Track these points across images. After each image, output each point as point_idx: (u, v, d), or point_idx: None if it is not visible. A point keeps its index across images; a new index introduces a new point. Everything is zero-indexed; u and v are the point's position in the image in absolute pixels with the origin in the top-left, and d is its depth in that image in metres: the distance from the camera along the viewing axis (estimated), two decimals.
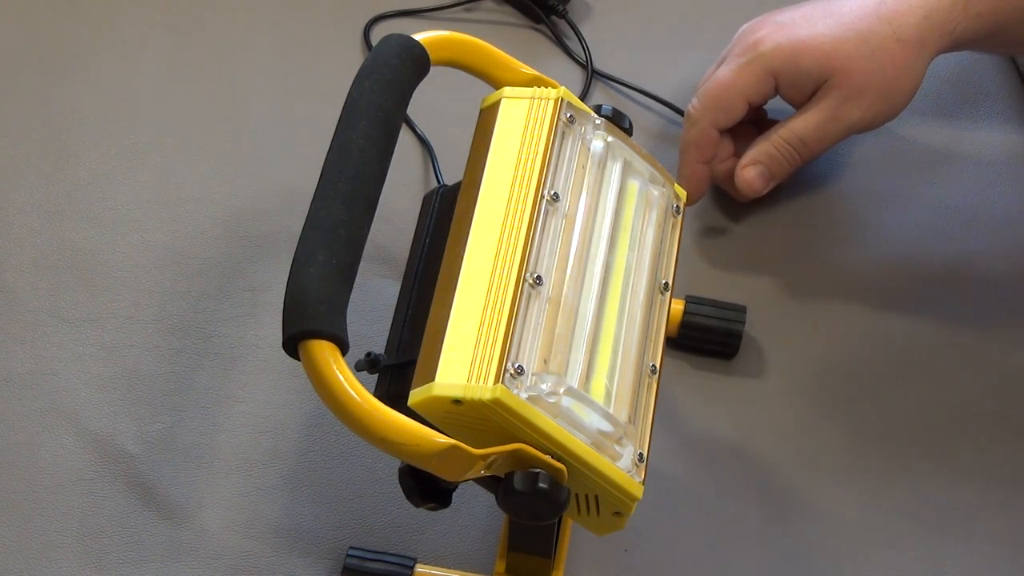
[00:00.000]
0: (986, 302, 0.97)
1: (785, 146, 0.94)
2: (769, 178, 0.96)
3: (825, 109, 0.93)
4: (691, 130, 0.96)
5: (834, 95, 0.92)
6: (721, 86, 0.94)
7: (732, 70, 0.94)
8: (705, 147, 0.96)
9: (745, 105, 0.95)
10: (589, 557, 0.87)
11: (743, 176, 0.96)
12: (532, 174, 0.75)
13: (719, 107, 0.95)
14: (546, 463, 0.70)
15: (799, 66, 0.92)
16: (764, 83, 0.94)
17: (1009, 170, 1.04)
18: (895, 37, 0.90)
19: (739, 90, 0.94)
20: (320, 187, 0.72)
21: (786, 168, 0.96)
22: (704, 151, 0.96)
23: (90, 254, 0.99)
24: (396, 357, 0.76)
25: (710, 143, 0.96)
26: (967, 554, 0.88)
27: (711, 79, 0.96)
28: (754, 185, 0.96)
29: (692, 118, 0.96)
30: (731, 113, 0.95)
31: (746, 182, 0.96)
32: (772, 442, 0.92)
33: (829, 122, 0.93)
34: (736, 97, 0.94)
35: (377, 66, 0.77)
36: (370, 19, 1.11)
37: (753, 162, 0.96)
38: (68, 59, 1.09)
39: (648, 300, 0.78)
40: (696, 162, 0.97)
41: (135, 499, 0.88)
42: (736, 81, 0.94)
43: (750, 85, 0.94)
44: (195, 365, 0.94)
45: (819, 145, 0.94)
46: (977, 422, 0.92)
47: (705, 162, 0.97)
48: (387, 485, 0.89)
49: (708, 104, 0.95)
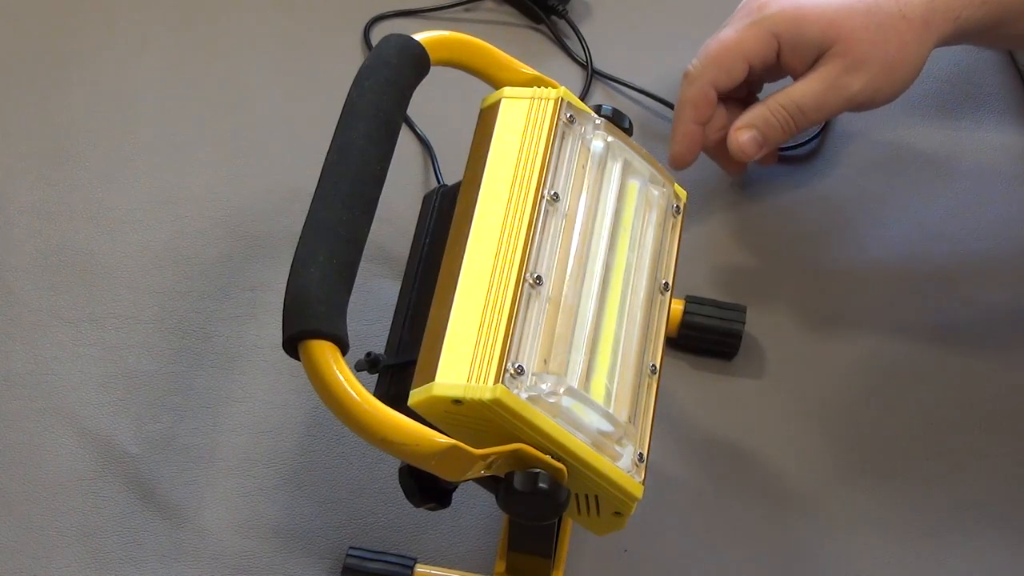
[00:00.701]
0: (986, 302, 0.97)
1: (781, 111, 0.92)
2: (762, 143, 0.93)
3: (826, 77, 0.91)
4: (689, 88, 0.94)
5: (836, 63, 0.90)
6: (723, 45, 0.92)
7: (735, 30, 0.92)
8: (702, 106, 0.94)
9: (746, 67, 0.93)
10: (589, 557, 0.87)
11: (735, 139, 0.93)
12: (532, 174, 0.75)
13: (720, 66, 0.93)
14: (546, 463, 0.70)
15: (802, 31, 0.91)
16: (766, 45, 0.92)
17: (1009, 170, 1.04)
18: (901, 15, 0.89)
19: (741, 50, 0.92)
20: (320, 187, 0.72)
21: (780, 135, 0.93)
22: (701, 111, 0.94)
23: (90, 254, 0.99)
24: (396, 357, 0.76)
25: (708, 103, 0.94)
26: (968, 554, 0.87)
27: (713, 39, 0.94)
28: (746, 149, 0.93)
29: (691, 76, 0.94)
30: (731, 73, 0.93)
31: (738, 145, 0.93)
32: (772, 442, 0.92)
33: (829, 91, 0.91)
34: (737, 57, 0.92)
35: (377, 66, 0.77)
36: (370, 19, 1.11)
37: (747, 125, 0.93)
38: (68, 59, 1.09)
39: (648, 300, 0.78)
40: (691, 121, 0.94)
41: (135, 499, 0.88)
42: (738, 41, 0.92)
43: (752, 46, 0.92)
44: (195, 365, 0.94)
45: (816, 114, 0.92)
46: (977, 421, 0.92)
47: (700, 123, 0.94)
48: (387, 485, 0.89)
49: (708, 62, 0.93)
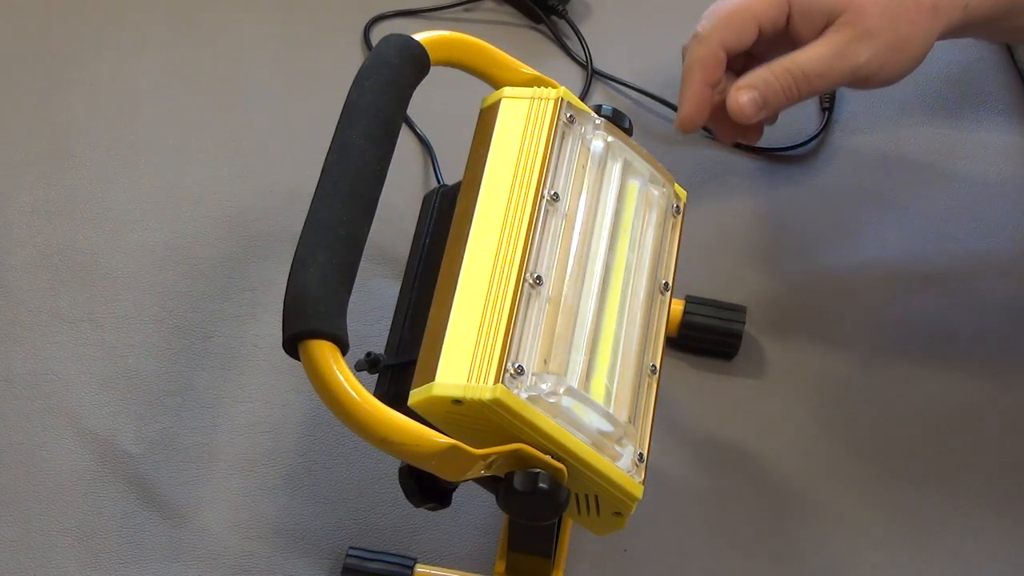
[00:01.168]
0: (986, 302, 0.97)
1: (785, 75, 0.89)
2: (762, 105, 0.90)
3: (833, 44, 0.89)
4: (698, 48, 0.91)
5: (845, 31, 0.88)
6: (734, 5, 0.90)
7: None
8: (712, 67, 0.91)
9: (756, 28, 0.90)
10: (589, 557, 0.87)
11: (735, 99, 0.90)
12: (532, 174, 0.75)
13: (729, 25, 0.90)
14: (546, 463, 0.70)
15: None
16: (777, 7, 0.90)
17: (1009, 170, 1.04)
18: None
19: (752, 10, 0.90)
20: (320, 187, 0.72)
21: (782, 99, 0.90)
22: (710, 71, 0.91)
23: (90, 254, 0.99)
24: (396, 357, 0.76)
25: (717, 63, 0.91)
26: (968, 553, 0.87)
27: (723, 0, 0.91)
28: (745, 110, 0.90)
29: (699, 36, 0.91)
30: (741, 34, 0.90)
31: (737, 105, 0.90)
32: (772, 442, 0.92)
33: (835, 58, 0.89)
34: (748, 17, 0.90)
35: (377, 66, 0.77)
36: (370, 19, 1.11)
37: (748, 86, 0.90)
38: (68, 59, 1.09)
39: (648, 300, 0.78)
40: (701, 83, 0.91)
41: (135, 499, 0.88)
42: (750, 1, 0.90)
43: (763, 7, 0.90)
44: (195, 365, 0.94)
45: (820, 81, 0.90)
46: (977, 421, 0.92)
47: (710, 85, 0.91)
48: (387, 485, 0.89)
49: (718, 22, 0.90)
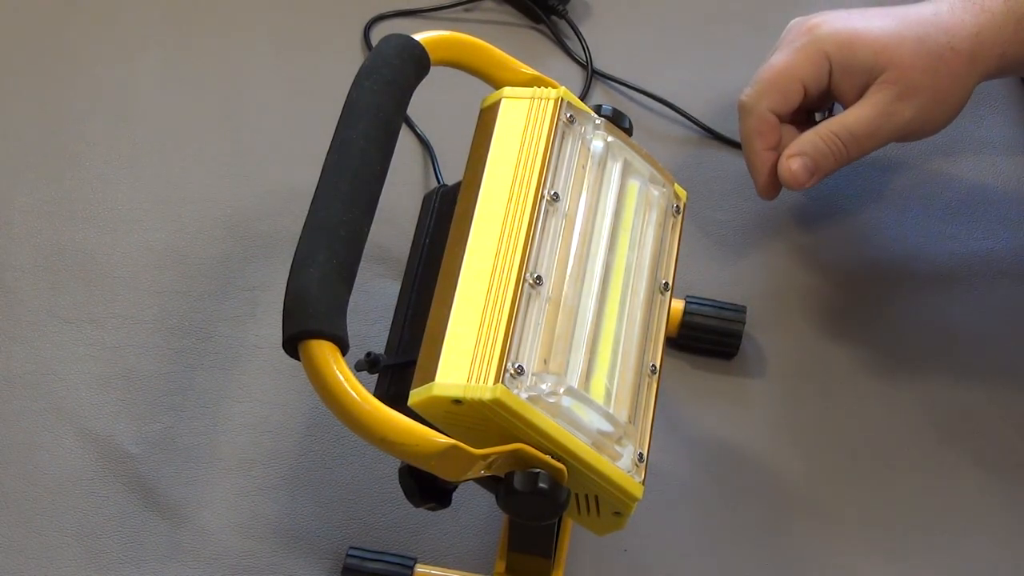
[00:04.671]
0: (986, 302, 0.97)
1: (834, 139, 0.91)
2: (813, 171, 0.92)
3: (878, 104, 0.90)
4: (749, 118, 0.93)
5: (888, 90, 0.89)
6: (776, 70, 0.91)
7: (786, 54, 0.91)
8: (768, 133, 0.92)
9: (801, 89, 0.91)
10: (589, 557, 0.87)
11: (787, 167, 0.92)
12: (532, 174, 0.75)
13: (776, 90, 0.91)
14: (546, 463, 0.70)
15: (855, 54, 0.90)
16: (819, 66, 0.91)
17: (1009, 170, 1.04)
18: (950, 46, 0.89)
19: (794, 72, 0.91)
20: (320, 187, 0.72)
21: (831, 163, 0.92)
22: (767, 137, 0.93)
23: (90, 254, 0.99)
24: (396, 357, 0.76)
25: (772, 128, 0.92)
26: (968, 553, 0.87)
27: (765, 66, 0.93)
28: (798, 176, 0.91)
29: (747, 106, 0.92)
30: (788, 97, 0.92)
31: (790, 173, 0.92)
32: (772, 442, 0.92)
33: (881, 117, 0.90)
34: (792, 80, 0.91)
35: (377, 66, 0.77)
36: (370, 19, 1.11)
37: (799, 153, 0.92)
38: (68, 59, 1.09)
39: (648, 300, 0.78)
40: (763, 149, 0.93)
41: (135, 499, 0.88)
42: (791, 63, 0.91)
43: (805, 67, 0.91)
44: (195, 365, 0.94)
45: (868, 142, 0.91)
46: (977, 421, 0.92)
47: (771, 148, 0.93)
48: (387, 485, 0.89)
49: (763, 89, 0.92)
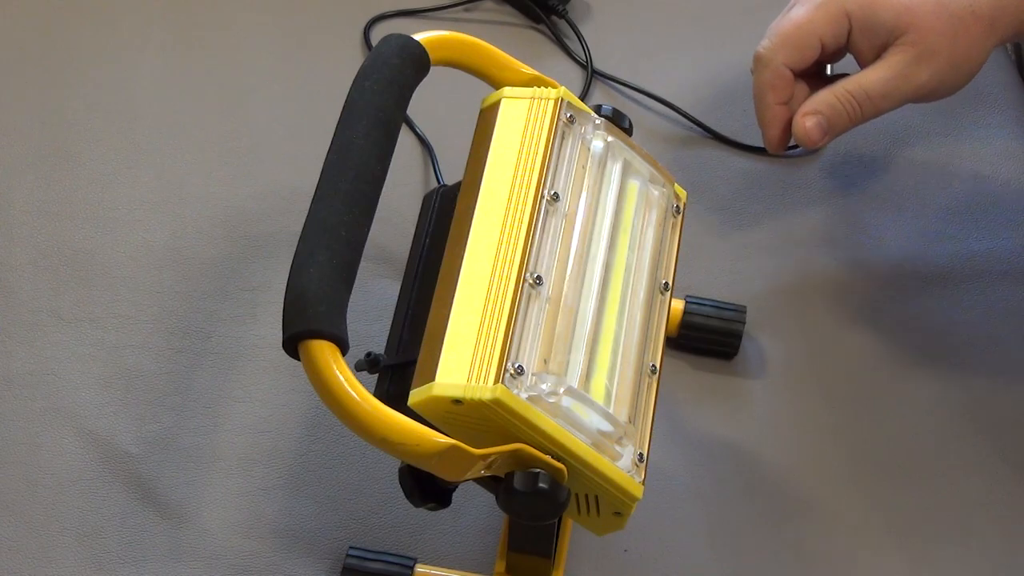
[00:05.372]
0: (986, 302, 0.97)
1: (849, 98, 0.91)
2: (827, 130, 0.92)
3: (895, 65, 0.90)
4: (764, 71, 0.92)
5: (907, 52, 0.89)
6: (795, 23, 0.91)
7: (807, 9, 0.91)
8: (781, 87, 0.92)
9: (819, 45, 0.91)
10: (589, 557, 0.87)
11: (801, 124, 0.92)
12: (532, 174, 0.75)
13: (793, 44, 0.91)
14: (546, 463, 0.70)
15: (876, 14, 0.89)
16: (839, 24, 0.90)
17: (1009, 170, 1.04)
18: (971, 10, 0.88)
19: (814, 28, 0.91)
20: (320, 187, 0.72)
21: (846, 122, 0.92)
22: (780, 92, 0.92)
23: (90, 254, 0.99)
24: (396, 357, 0.76)
25: (786, 83, 0.92)
26: (968, 553, 0.87)
27: (784, 18, 0.92)
28: (811, 134, 0.92)
29: (764, 59, 0.92)
30: (805, 52, 0.91)
31: (804, 131, 0.92)
32: (772, 442, 0.92)
33: (898, 78, 0.90)
34: (811, 35, 0.91)
35: (377, 66, 0.77)
36: (370, 19, 1.11)
37: (813, 111, 0.91)
38: (68, 59, 1.09)
39: (648, 300, 0.78)
40: (775, 103, 0.93)
41: (135, 499, 0.88)
42: (811, 19, 0.91)
43: (825, 24, 0.90)
44: (195, 365, 0.94)
45: (883, 102, 0.91)
46: (978, 421, 0.92)
47: (784, 103, 0.93)
48: (387, 485, 0.89)
49: (781, 42, 0.91)
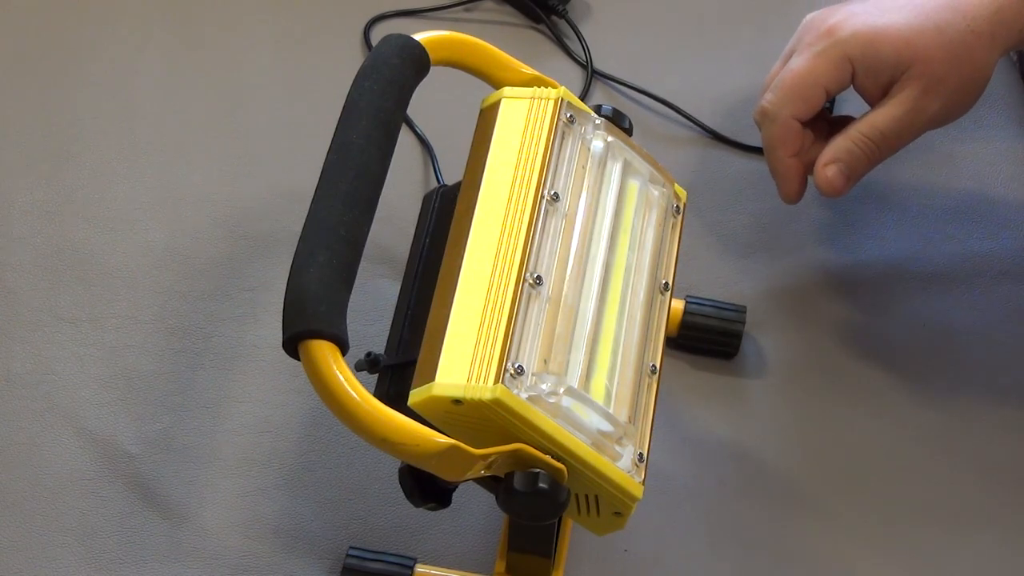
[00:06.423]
0: (986, 303, 0.97)
1: (865, 141, 0.90)
2: (849, 176, 0.91)
3: (905, 101, 0.89)
4: (772, 126, 0.92)
5: (914, 86, 0.89)
6: (798, 76, 0.90)
7: (807, 59, 0.90)
8: (792, 140, 0.92)
9: (824, 94, 0.91)
10: (589, 557, 0.87)
11: (823, 175, 0.91)
12: (532, 174, 0.75)
13: (797, 96, 0.90)
14: (546, 463, 0.70)
15: (878, 53, 0.89)
16: (842, 71, 0.90)
17: (1009, 170, 1.04)
18: (969, 29, 0.88)
19: (817, 79, 0.90)
20: (320, 187, 0.72)
21: (865, 165, 0.91)
22: (792, 144, 0.92)
23: (90, 254, 0.99)
24: (396, 357, 0.76)
25: (796, 135, 0.92)
26: (969, 554, 0.87)
27: (786, 71, 0.92)
28: (835, 184, 0.91)
29: (770, 113, 0.92)
30: (810, 103, 0.91)
31: (827, 181, 0.91)
32: (772, 442, 0.92)
33: (910, 114, 0.89)
34: (815, 86, 0.90)
35: (377, 66, 0.77)
36: (370, 19, 1.11)
37: (833, 160, 0.91)
38: (68, 59, 1.09)
39: (648, 300, 0.78)
40: (787, 157, 0.92)
41: (135, 499, 0.88)
42: (814, 69, 0.90)
43: (828, 73, 0.90)
44: (195, 365, 0.94)
45: (899, 140, 0.90)
46: (978, 421, 0.92)
47: (795, 155, 0.92)
48: (387, 485, 0.89)
49: (786, 95, 0.91)
